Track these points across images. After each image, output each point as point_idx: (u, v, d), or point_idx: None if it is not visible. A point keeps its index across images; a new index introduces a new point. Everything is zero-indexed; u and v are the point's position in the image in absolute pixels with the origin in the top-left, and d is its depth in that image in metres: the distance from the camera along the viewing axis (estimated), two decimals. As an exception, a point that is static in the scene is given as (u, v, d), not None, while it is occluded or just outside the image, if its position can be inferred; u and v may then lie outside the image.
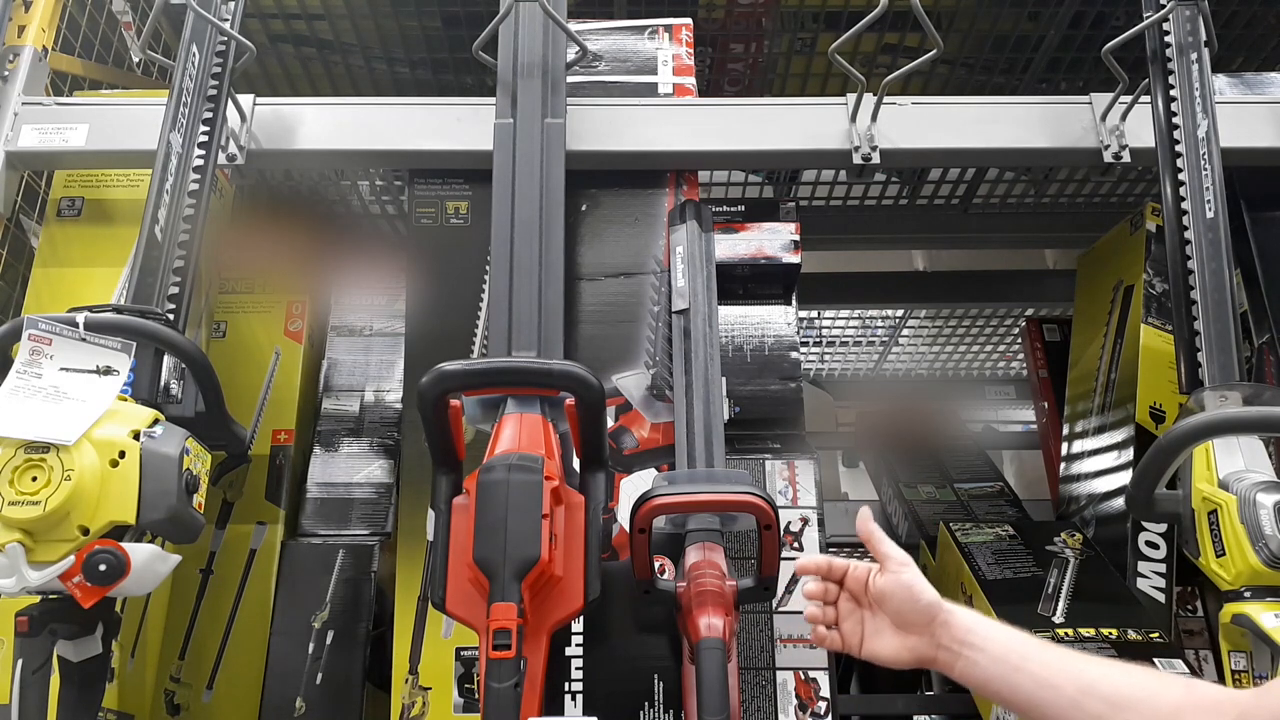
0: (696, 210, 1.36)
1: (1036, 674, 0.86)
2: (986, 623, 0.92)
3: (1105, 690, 0.82)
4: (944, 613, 0.92)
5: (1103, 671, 0.84)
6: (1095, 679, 0.83)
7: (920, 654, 0.94)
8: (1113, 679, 0.83)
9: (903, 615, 0.94)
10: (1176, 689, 0.82)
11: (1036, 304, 2.38)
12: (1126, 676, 0.84)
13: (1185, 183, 1.27)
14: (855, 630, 0.98)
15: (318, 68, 1.90)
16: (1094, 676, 0.84)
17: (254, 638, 1.37)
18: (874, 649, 0.97)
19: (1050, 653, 0.88)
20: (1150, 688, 0.82)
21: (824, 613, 1.01)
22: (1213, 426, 1.09)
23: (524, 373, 1.09)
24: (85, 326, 1.04)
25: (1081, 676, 0.84)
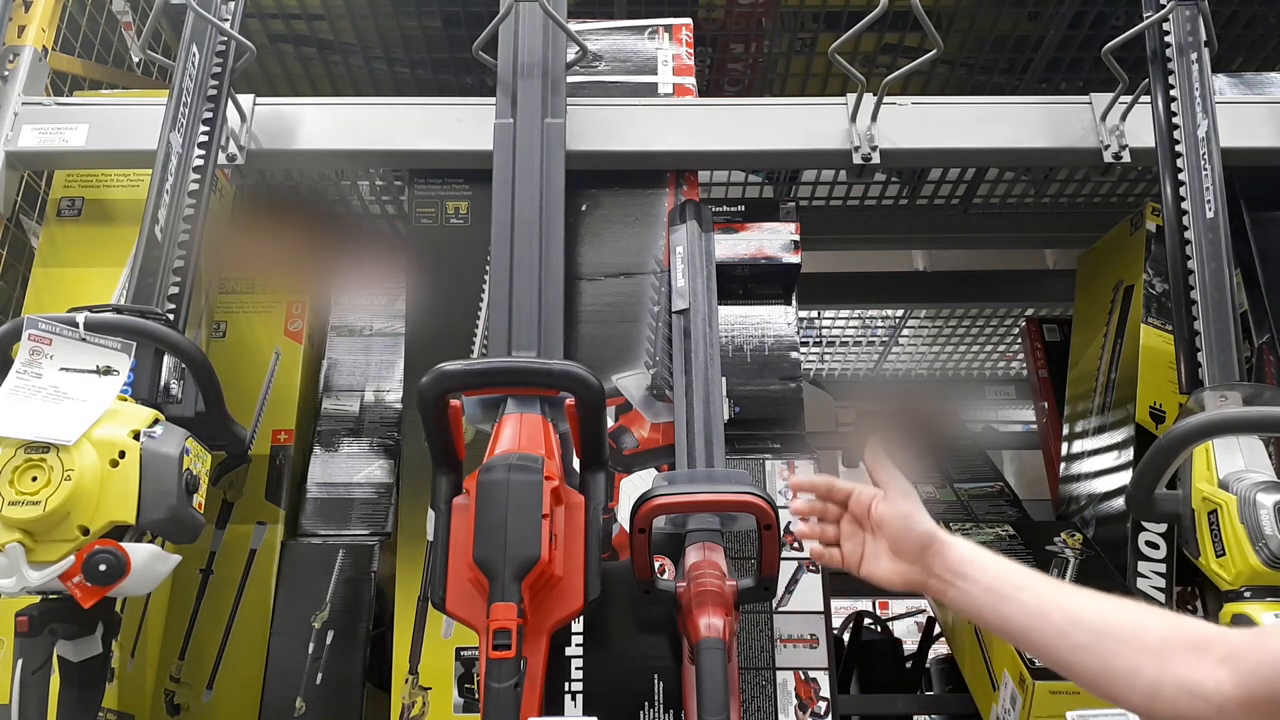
0: (696, 210, 1.36)
1: (1027, 604, 0.87)
2: (980, 554, 0.93)
3: (1092, 621, 0.83)
4: (938, 543, 0.94)
5: (1090, 603, 0.85)
6: (1082, 610, 0.84)
7: (912, 580, 0.96)
8: (1100, 610, 0.84)
9: (899, 542, 0.97)
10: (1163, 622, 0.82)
11: (1036, 304, 2.38)
12: (1114, 609, 0.84)
13: (1185, 183, 1.27)
14: (855, 551, 1.01)
15: (318, 68, 1.90)
16: (1081, 607, 0.85)
17: (254, 638, 1.37)
18: (870, 570, 1.00)
19: (1042, 583, 0.89)
20: (1136, 620, 0.83)
21: (823, 531, 1.04)
22: (1213, 426, 1.09)
23: (524, 373, 1.09)
24: (85, 326, 1.04)
25: (1069, 607, 0.85)
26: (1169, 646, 0.79)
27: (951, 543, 0.94)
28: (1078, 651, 0.83)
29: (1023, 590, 0.88)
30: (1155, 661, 0.79)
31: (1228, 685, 0.75)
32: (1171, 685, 0.78)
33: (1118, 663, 0.81)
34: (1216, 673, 0.76)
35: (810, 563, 1.27)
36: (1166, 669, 0.78)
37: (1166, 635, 0.80)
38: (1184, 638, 0.79)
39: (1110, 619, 0.83)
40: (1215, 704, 0.75)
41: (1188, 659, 0.78)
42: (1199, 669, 0.77)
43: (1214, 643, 0.78)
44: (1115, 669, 0.81)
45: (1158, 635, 0.80)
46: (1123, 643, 0.81)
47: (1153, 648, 0.80)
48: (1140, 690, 0.80)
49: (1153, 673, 0.79)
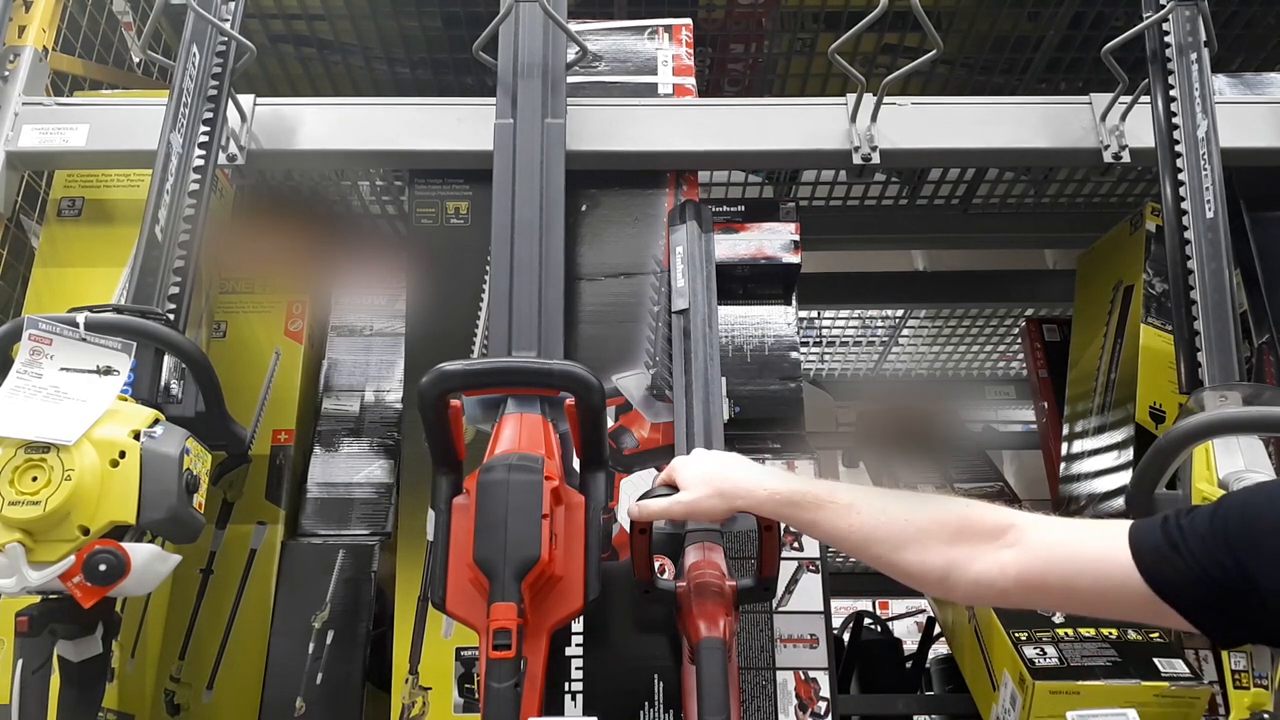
0: (696, 210, 1.36)
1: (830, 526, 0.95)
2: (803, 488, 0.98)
3: (883, 535, 0.92)
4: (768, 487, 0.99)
5: (882, 521, 0.92)
6: (874, 528, 0.93)
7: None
8: (890, 524, 0.92)
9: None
10: (951, 520, 0.90)
11: (1036, 304, 2.38)
12: (905, 520, 0.92)
13: (1185, 183, 1.27)
14: None
15: (318, 68, 1.90)
16: (874, 525, 0.93)
17: (254, 638, 1.37)
18: None
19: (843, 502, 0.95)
20: (924, 524, 0.91)
21: None
22: (1212, 426, 1.09)
23: (524, 373, 1.09)
24: (85, 326, 1.04)
25: (865, 527, 0.93)
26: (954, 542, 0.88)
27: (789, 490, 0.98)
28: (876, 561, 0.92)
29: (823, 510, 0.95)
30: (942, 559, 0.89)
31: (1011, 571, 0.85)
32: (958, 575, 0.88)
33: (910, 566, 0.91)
34: (1000, 558, 0.86)
35: (811, 563, 1.27)
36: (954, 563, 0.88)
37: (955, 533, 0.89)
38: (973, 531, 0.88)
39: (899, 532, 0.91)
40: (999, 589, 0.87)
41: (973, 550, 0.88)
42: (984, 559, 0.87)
43: (1006, 533, 0.87)
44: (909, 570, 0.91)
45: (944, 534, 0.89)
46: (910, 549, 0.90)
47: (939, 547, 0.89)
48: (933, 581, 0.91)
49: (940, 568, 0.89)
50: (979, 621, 1.42)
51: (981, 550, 0.87)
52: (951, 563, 0.88)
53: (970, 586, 0.88)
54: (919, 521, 0.91)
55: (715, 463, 1.04)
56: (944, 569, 0.89)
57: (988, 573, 0.86)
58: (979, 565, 0.87)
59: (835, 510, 0.95)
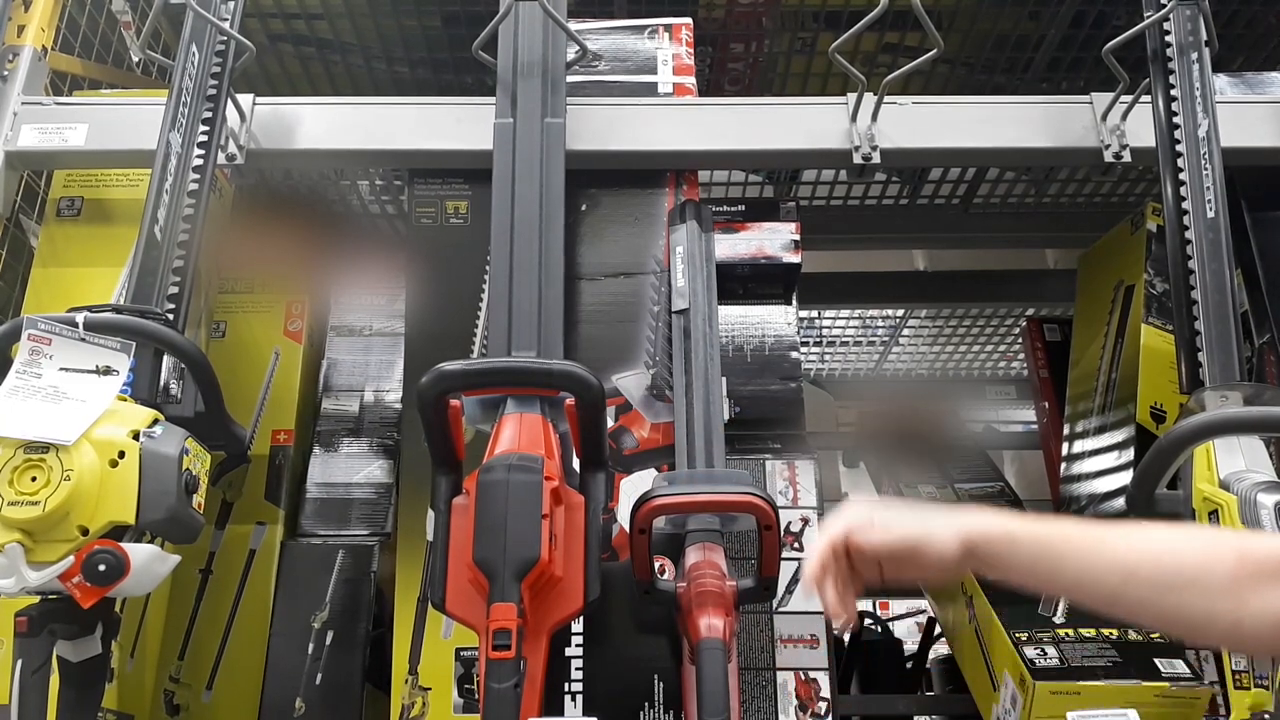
0: (696, 210, 1.36)
1: (1075, 573, 0.82)
2: (1011, 531, 0.85)
3: (1149, 574, 0.78)
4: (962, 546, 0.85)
5: (1143, 555, 0.80)
6: (1137, 563, 0.79)
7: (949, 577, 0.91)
8: (1155, 559, 0.79)
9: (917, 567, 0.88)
10: (1228, 558, 0.77)
11: (1037, 304, 2.38)
12: (1170, 554, 0.79)
13: (1186, 182, 1.27)
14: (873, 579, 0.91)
15: (317, 67, 1.89)
16: (1136, 561, 0.79)
17: (254, 638, 1.37)
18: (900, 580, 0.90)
19: (1086, 541, 0.82)
20: (1197, 562, 0.77)
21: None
22: (1213, 426, 1.09)
23: (524, 373, 1.09)
24: (85, 326, 1.04)
25: (1124, 565, 0.80)
26: (1242, 581, 0.75)
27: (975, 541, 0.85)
28: (1145, 605, 0.79)
29: (1066, 558, 0.82)
30: (1231, 602, 0.75)
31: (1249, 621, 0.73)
32: (1253, 620, 0.74)
33: (1191, 612, 0.77)
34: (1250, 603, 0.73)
35: (810, 563, 1.26)
36: (1244, 606, 0.75)
37: (1236, 570, 0.76)
38: (1257, 568, 0.75)
39: (1168, 568, 0.78)
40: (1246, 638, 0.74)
41: (1266, 590, 0.74)
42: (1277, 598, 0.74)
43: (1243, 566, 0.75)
44: (1190, 618, 0.77)
45: (1227, 573, 0.76)
46: (1189, 591, 0.77)
47: (1225, 588, 0.76)
48: (1222, 630, 0.77)
49: (1230, 614, 0.75)
50: (979, 622, 1.41)
51: (1272, 590, 0.74)
52: (1241, 612, 0.75)
53: (1268, 634, 0.75)
54: (1189, 553, 0.78)
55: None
56: (1233, 620, 0.75)
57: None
58: (1274, 607, 0.74)
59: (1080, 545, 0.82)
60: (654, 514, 1.06)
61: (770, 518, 1.05)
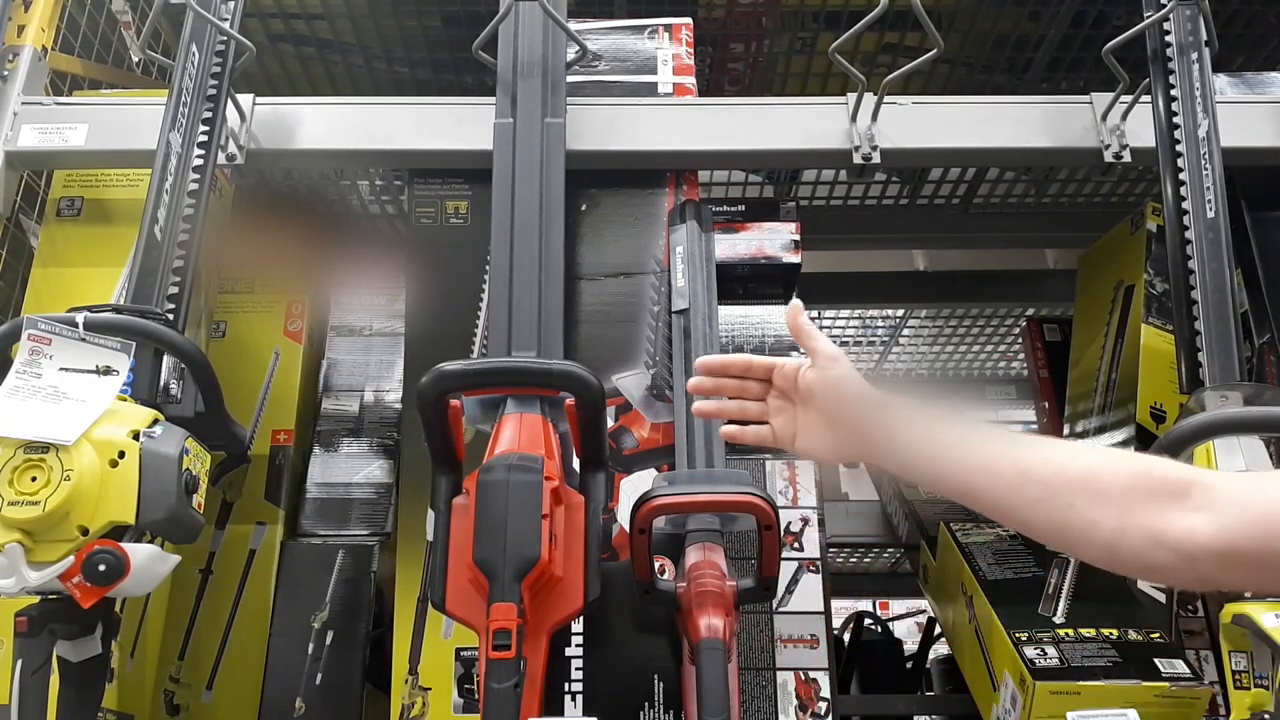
0: (696, 210, 1.36)
1: (969, 459, 0.81)
2: (916, 412, 0.86)
3: (1043, 473, 0.77)
4: (872, 405, 0.87)
5: (1043, 453, 0.78)
6: (1034, 461, 0.77)
7: (850, 451, 0.90)
8: (1053, 460, 0.77)
9: (832, 411, 0.90)
10: (1127, 467, 0.75)
11: (1037, 304, 2.38)
12: (1069, 458, 0.77)
13: (1186, 182, 1.27)
14: (787, 427, 0.94)
15: (317, 67, 1.89)
16: (1032, 459, 0.78)
17: (254, 638, 1.37)
18: (806, 446, 0.93)
19: (985, 434, 0.82)
20: (1094, 468, 0.75)
21: (743, 408, 0.97)
22: (1213, 426, 1.09)
23: (524, 373, 1.09)
24: (85, 326, 1.04)
25: (1019, 460, 0.78)
26: (1133, 493, 0.73)
27: (886, 403, 0.87)
28: (1031, 507, 0.77)
29: (963, 443, 0.81)
30: (1117, 511, 0.73)
31: (1203, 535, 0.69)
32: (1136, 534, 0.72)
33: (1073, 516, 0.75)
34: (1189, 520, 0.70)
35: (811, 563, 1.27)
36: (1130, 518, 0.72)
37: (1131, 482, 0.74)
38: (1152, 483, 0.73)
39: (1065, 470, 0.76)
40: (1186, 553, 0.70)
41: (1156, 506, 0.72)
42: (1169, 517, 0.71)
43: (1191, 490, 0.72)
44: (1071, 523, 0.75)
45: (1120, 482, 0.74)
46: (1079, 494, 0.75)
47: (1114, 496, 0.73)
48: (1100, 543, 0.74)
49: (1114, 523, 0.73)
50: (979, 622, 1.41)
51: (1164, 511, 0.71)
52: (1126, 524, 0.72)
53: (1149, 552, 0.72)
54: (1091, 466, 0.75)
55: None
56: (1115, 531, 0.72)
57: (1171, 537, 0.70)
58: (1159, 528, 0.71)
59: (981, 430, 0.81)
60: (654, 514, 1.06)
61: (770, 518, 1.05)
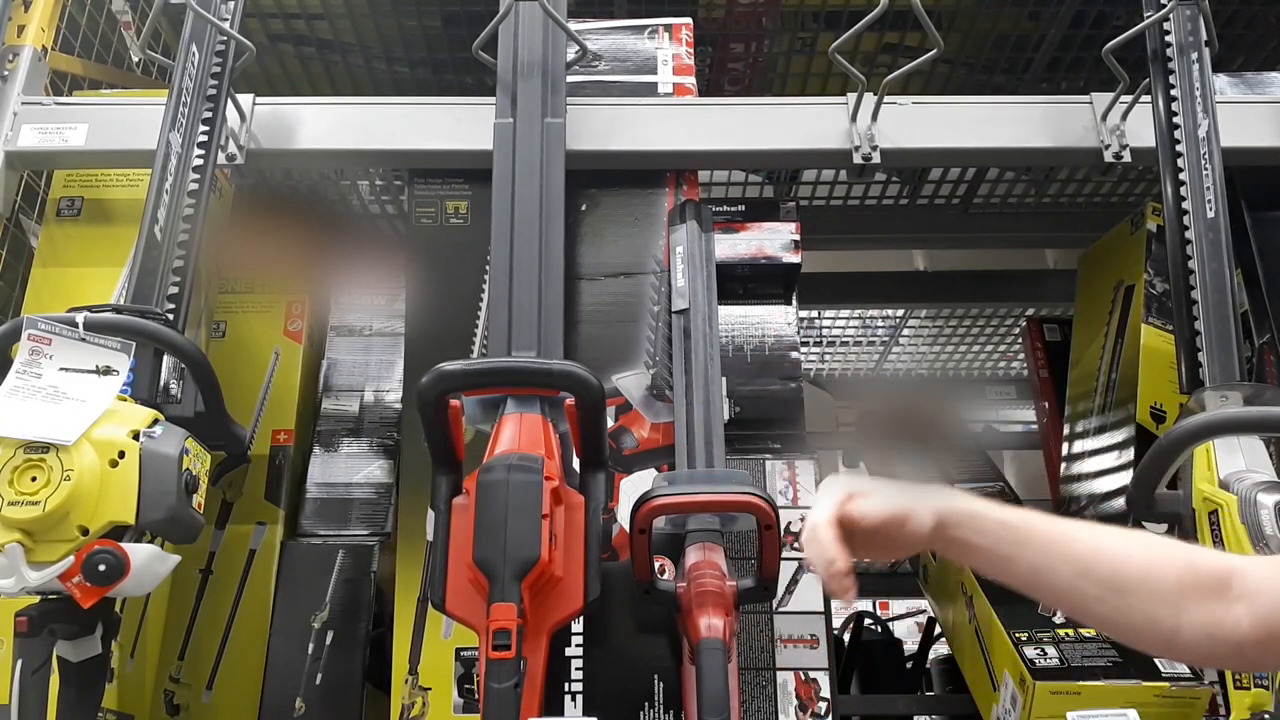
0: (696, 210, 1.36)
1: (1032, 560, 0.83)
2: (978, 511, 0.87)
3: (1101, 573, 0.81)
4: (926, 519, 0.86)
5: (1100, 551, 0.82)
6: (1093, 561, 0.81)
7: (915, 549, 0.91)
8: (1109, 559, 0.81)
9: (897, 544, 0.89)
10: (1176, 565, 0.79)
11: (1037, 304, 2.38)
12: (1124, 556, 0.81)
13: (1186, 182, 1.27)
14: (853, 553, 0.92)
15: (317, 67, 1.89)
16: (1092, 559, 0.81)
17: (254, 638, 1.37)
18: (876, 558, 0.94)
19: (1046, 534, 0.84)
20: (1147, 566, 0.80)
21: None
22: (1213, 426, 1.09)
23: (524, 373, 1.09)
24: (85, 326, 1.04)
25: (1078, 559, 0.82)
26: (1184, 592, 0.77)
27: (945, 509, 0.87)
28: (1091, 604, 0.81)
29: (1026, 545, 0.84)
30: (1171, 609, 0.77)
31: (1245, 625, 0.74)
32: (1190, 630, 0.77)
33: (1134, 616, 0.79)
34: (1233, 612, 0.75)
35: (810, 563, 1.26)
36: (1183, 615, 0.77)
37: (1181, 579, 0.78)
38: (1198, 580, 0.77)
39: (1121, 570, 0.80)
40: (1234, 643, 0.75)
41: (1205, 603, 0.76)
42: (1216, 611, 0.76)
43: (1230, 581, 0.76)
44: (1132, 621, 0.79)
45: (1172, 581, 0.78)
46: (1136, 595, 0.79)
47: (1168, 595, 0.78)
48: (1159, 637, 0.79)
49: (1170, 621, 0.77)
50: (979, 622, 1.41)
51: (1212, 607, 0.76)
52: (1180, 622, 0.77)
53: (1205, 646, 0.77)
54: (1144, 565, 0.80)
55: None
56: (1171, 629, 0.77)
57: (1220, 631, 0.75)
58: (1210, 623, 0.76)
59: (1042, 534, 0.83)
60: (654, 514, 1.06)
61: (770, 517, 1.05)
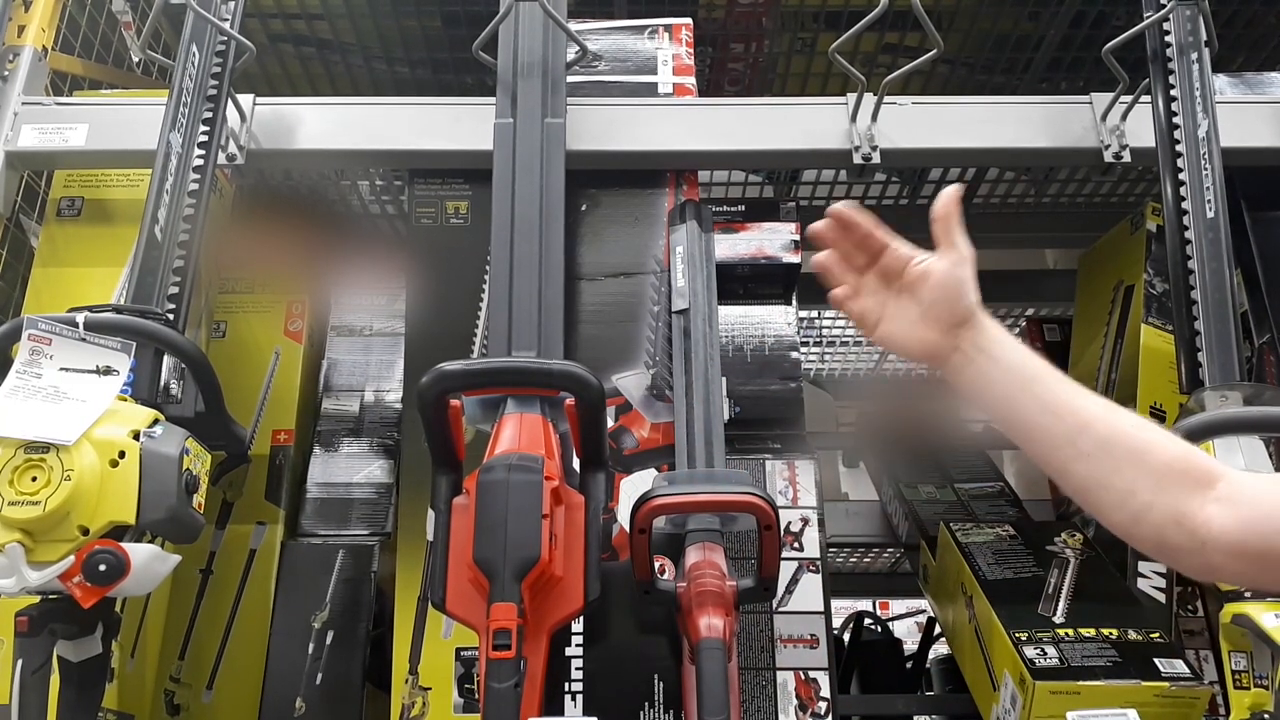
0: (696, 210, 1.36)
1: (1042, 397, 0.83)
2: (1007, 338, 0.88)
3: (1102, 430, 0.80)
4: (976, 318, 0.88)
5: (1104, 413, 0.81)
6: (1095, 417, 0.81)
7: (934, 349, 0.90)
8: (1112, 421, 0.80)
9: (937, 306, 0.89)
10: (1173, 449, 0.79)
11: (1036, 304, 2.37)
12: (1129, 423, 0.80)
13: (1185, 182, 1.27)
14: (874, 310, 0.94)
15: (318, 68, 1.90)
16: (1094, 415, 0.81)
17: (254, 638, 1.37)
18: (889, 331, 0.93)
19: (1058, 382, 0.84)
20: (1147, 440, 0.79)
21: (840, 271, 0.96)
22: (1213, 426, 1.09)
23: (524, 373, 1.09)
24: (85, 326, 1.04)
25: (1082, 411, 0.81)
26: (1171, 473, 0.77)
27: (987, 321, 0.88)
28: (1080, 459, 0.80)
29: (1038, 381, 0.84)
30: (1153, 484, 0.77)
31: (1217, 525, 0.74)
32: (1161, 511, 0.76)
33: (1116, 478, 0.78)
34: (1209, 509, 0.74)
35: (811, 563, 1.27)
36: (1162, 494, 0.76)
37: (1172, 462, 0.78)
38: (1188, 467, 0.77)
39: (1121, 432, 0.80)
40: (1199, 539, 0.74)
41: (1185, 490, 0.76)
42: (1192, 502, 0.75)
43: (1217, 481, 0.76)
44: (1112, 484, 0.79)
45: (1164, 459, 0.78)
46: (1128, 460, 0.78)
47: (1157, 471, 0.77)
48: (1129, 509, 0.78)
49: (1147, 495, 0.77)
50: (979, 622, 1.42)
51: (1191, 495, 0.75)
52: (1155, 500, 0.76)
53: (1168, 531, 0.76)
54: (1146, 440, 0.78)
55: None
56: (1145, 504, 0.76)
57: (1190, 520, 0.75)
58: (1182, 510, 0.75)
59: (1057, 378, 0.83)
60: (654, 514, 1.06)
61: (770, 517, 1.05)
